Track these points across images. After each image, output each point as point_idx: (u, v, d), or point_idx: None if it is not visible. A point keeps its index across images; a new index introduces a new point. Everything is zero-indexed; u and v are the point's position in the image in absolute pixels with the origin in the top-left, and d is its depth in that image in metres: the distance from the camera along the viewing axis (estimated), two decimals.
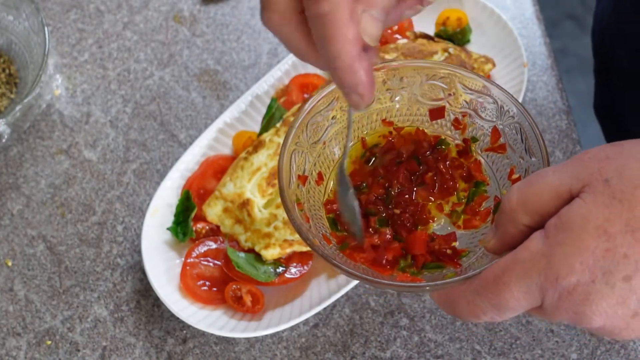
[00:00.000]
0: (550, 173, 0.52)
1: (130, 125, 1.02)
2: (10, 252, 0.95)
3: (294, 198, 0.66)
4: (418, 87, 0.70)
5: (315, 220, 0.67)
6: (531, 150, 0.64)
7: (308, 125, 0.69)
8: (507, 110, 0.67)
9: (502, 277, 0.51)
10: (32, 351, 0.89)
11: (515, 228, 0.53)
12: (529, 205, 0.52)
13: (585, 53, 2.18)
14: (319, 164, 0.70)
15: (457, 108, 0.70)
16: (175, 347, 0.89)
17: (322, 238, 0.66)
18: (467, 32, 1.01)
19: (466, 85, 0.69)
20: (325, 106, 0.69)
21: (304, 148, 0.69)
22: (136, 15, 1.10)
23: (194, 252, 0.89)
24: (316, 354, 0.88)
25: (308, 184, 0.69)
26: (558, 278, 0.49)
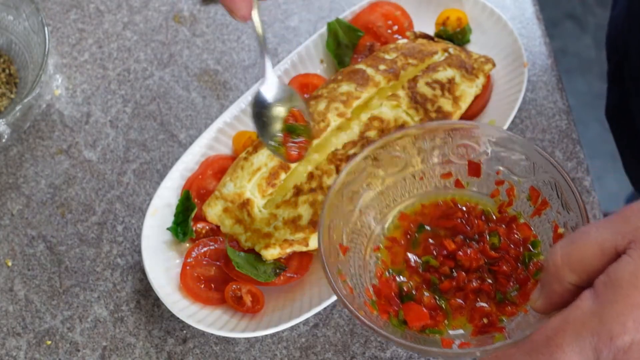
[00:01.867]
0: (593, 230, 0.52)
1: (130, 125, 1.02)
2: (10, 252, 0.95)
3: (336, 270, 0.66)
4: (448, 147, 0.71)
5: (358, 290, 0.67)
6: (568, 205, 0.64)
7: (343, 195, 0.69)
8: (540, 166, 0.67)
9: (554, 339, 0.51)
10: (32, 351, 0.89)
11: (562, 287, 0.53)
12: (575, 264, 0.52)
13: (585, 53, 2.19)
14: (357, 233, 0.71)
15: (490, 167, 0.71)
16: (175, 347, 0.89)
17: (366, 306, 0.66)
18: (467, 32, 1.01)
19: (498, 143, 0.69)
20: (359, 173, 0.70)
21: (341, 218, 0.69)
22: (136, 15, 1.10)
23: (194, 252, 0.89)
24: (316, 354, 0.88)
25: (348, 254, 0.69)
26: (612, 337, 0.49)
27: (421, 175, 0.73)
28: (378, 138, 0.90)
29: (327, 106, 0.93)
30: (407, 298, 0.67)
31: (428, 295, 0.67)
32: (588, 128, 2.06)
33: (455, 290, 0.67)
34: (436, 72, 0.95)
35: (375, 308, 0.67)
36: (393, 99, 0.93)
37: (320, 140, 0.92)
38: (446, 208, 0.72)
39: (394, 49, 0.98)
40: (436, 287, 0.68)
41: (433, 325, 0.66)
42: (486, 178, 0.72)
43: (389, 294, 0.68)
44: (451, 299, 0.66)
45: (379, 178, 0.71)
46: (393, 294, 0.68)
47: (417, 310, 0.66)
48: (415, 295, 0.68)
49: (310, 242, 0.88)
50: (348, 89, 0.94)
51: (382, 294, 0.68)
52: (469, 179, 0.73)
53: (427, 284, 0.68)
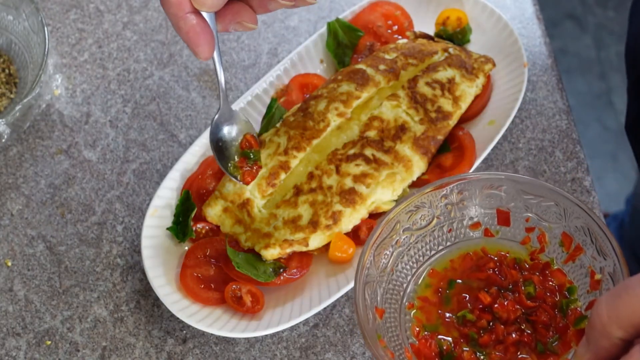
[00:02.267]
0: (638, 283, 0.52)
1: (130, 125, 1.02)
2: (10, 252, 0.95)
3: (375, 335, 0.66)
4: (476, 196, 0.70)
5: (397, 352, 0.67)
6: (604, 250, 0.64)
7: (374, 256, 0.69)
8: (572, 212, 0.66)
9: None
10: (32, 351, 0.89)
11: (609, 342, 0.53)
12: (623, 320, 0.51)
13: (585, 53, 2.19)
14: (391, 292, 0.70)
15: (519, 215, 0.70)
16: (175, 347, 0.89)
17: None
18: (467, 32, 1.00)
19: (527, 191, 0.69)
20: (388, 232, 0.70)
21: (374, 279, 0.69)
22: (136, 15, 1.09)
23: (194, 252, 0.89)
24: (316, 354, 0.88)
25: (384, 316, 0.69)
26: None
27: (450, 228, 0.73)
28: (378, 138, 0.90)
29: (327, 106, 0.93)
30: (448, 357, 0.67)
31: (468, 351, 0.66)
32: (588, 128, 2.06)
33: (495, 343, 0.66)
34: (436, 72, 0.95)
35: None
36: (393, 99, 0.93)
37: (320, 140, 0.92)
38: (477, 259, 0.71)
39: (394, 49, 0.98)
40: (475, 342, 0.67)
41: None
42: (516, 226, 0.71)
43: (429, 354, 0.67)
44: (492, 352, 0.66)
45: (407, 233, 0.71)
46: (433, 354, 0.67)
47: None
48: (455, 352, 0.67)
49: (310, 242, 0.88)
50: (348, 89, 0.94)
51: (421, 354, 0.67)
52: (499, 228, 0.72)
53: (466, 339, 0.67)
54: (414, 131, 0.92)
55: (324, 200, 0.88)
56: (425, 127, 0.92)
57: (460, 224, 0.73)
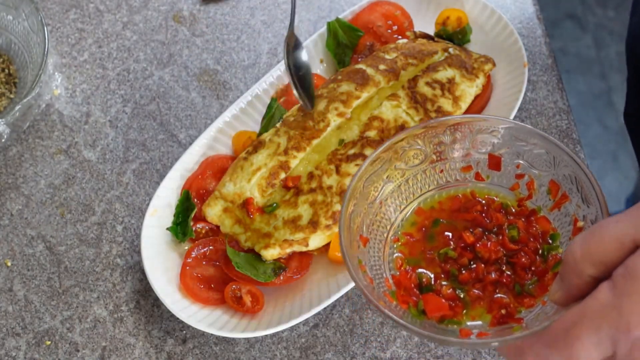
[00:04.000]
0: (612, 223, 0.52)
1: (129, 125, 1.02)
2: (9, 252, 0.95)
3: (357, 261, 0.67)
4: (469, 140, 0.71)
5: (377, 280, 0.68)
6: (588, 199, 0.65)
7: (364, 186, 0.69)
8: (561, 160, 0.67)
9: (572, 330, 0.51)
10: (32, 351, 0.89)
11: (581, 279, 0.53)
12: (594, 256, 0.52)
13: (585, 53, 2.19)
14: (377, 224, 0.71)
15: (511, 161, 0.71)
16: (175, 347, 0.89)
17: (385, 296, 0.67)
18: (467, 32, 1.00)
19: (519, 137, 0.69)
20: (379, 166, 0.70)
21: (362, 209, 0.70)
22: (136, 15, 1.09)
23: (193, 252, 0.89)
24: (316, 354, 0.88)
25: (368, 245, 0.70)
26: (630, 329, 0.49)
27: (441, 169, 0.73)
28: (378, 138, 0.90)
29: (327, 106, 0.93)
30: (427, 289, 0.68)
31: (447, 286, 0.68)
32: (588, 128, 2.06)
33: (474, 281, 0.68)
34: (436, 72, 0.95)
35: (394, 298, 0.67)
36: (393, 99, 0.93)
37: (320, 140, 0.92)
38: (465, 201, 0.73)
39: (394, 48, 0.98)
40: (455, 278, 0.68)
41: (452, 316, 0.66)
42: (506, 171, 0.72)
43: (409, 285, 0.69)
44: (470, 290, 0.67)
45: (399, 170, 0.72)
46: (412, 285, 0.68)
47: (436, 301, 0.66)
48: (434, 286, 0.68)
49: (310, 242, 0.88)
50: (348, 89, 0.93)
51: (401, 285, 0.69)
52: (489, 172, 0.73)
53: (447, 275, 0.68)
54: None
55: (324, 200, 0.88)
56: None
57: (452, 166, 0.74)
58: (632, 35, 1.08)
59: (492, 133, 0.70)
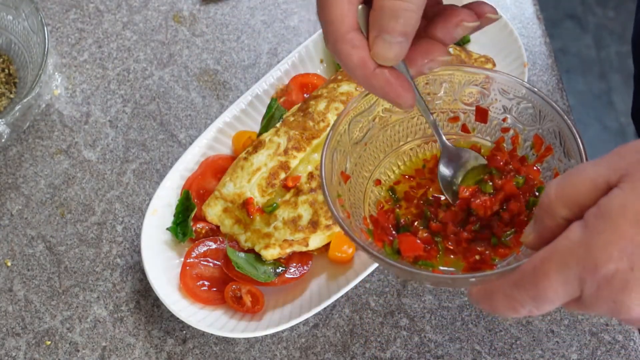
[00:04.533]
0: (588, 167, 0.52)
1: (129, 125, 1.02)
2: (9, 252, 0.95)
3: (335, 194, 0.67)
4: (457, 91, 0.71)
5: (356, 217, 0.68)
6: (570, 152, 0.65)
7: (350, 125, 0.69)
8: (546, 114, 0.67)
9: (540, 268, 0.51)
10: (32, 351, 0.89)
11: (554, 221, 0.53)
12: (567, 198, 0.52)
13: (585, 53, 2.19)
14: (360, 165, 0.71)
15: (497, 114, 0.71)
16: (175, 347, 0.89)
17: (362, 233, 0.67)
18: None
19: (504, 90, 0.69)
20: (367, 107, 0.70)
21: (345, 147, 0.70)
22: (136, 15, 1.09)
23: (193, 252, 0.89)
24: (316, 354, 0.88)
25: (349, 183, 0.69)
26: (597, 266, 0.49)
27: None
28: None
29: (327, 106, 0.93)
30: (404, 229, 0.68)
31: (424, 230, 0.68)
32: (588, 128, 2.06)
33: (447, 235, 0.68)
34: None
35: (370, 236, 0.67)
36: None
37: (320, 140, 0.92)
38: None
39: None
40: (427, 224, 0.68)
41: (426, 258, 0.66)
42: (492, 125, 0.72)
43: (386, 224, 0.68)
44: (445, 243, 0.67)
45: (386, 114, 0.71)
46: (389, 226, 0.68)
47: (411, 241, 0.66)
48: (411, 228, 0.68)
49: (310, 242, 0.87)
50: (348, 89, 0.93)
51: (379, 224, 0.68)
52: (476, 125, 0.73)
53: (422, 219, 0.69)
54: None
55: (324, 200, 0.88)
56: None
57: (439, 116, 0.73)
58: (637, 31, 1.08)
59: (481, 85, 0.70)
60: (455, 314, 0.89)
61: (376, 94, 0.61)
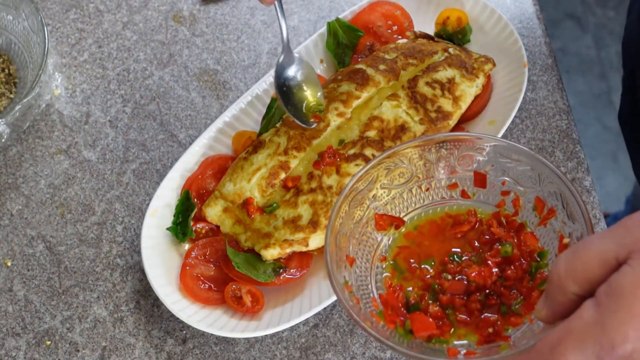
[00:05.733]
0: (595, 241, 0.52)
1: (129, 125, 1.02)
2: (9, 252, 0.95)
3: (343, 281, 0.67)
4: (455, 158, 0.71)
5: (364, 300, 0.68)
6: (573, 215, 0.65)
7: (350, 206, 0.70)
8: (546, 176, 0.67)
9: (557, 348, 0.51)
10: (32, 351, 0.89)
11: (565, 297, 0.53)
12: (577, 274, 0.52)
13: (585, 53, 2.19)
14: (364, 243, 0.71)
15: (496, 178, 0.71)
16: (175, 347, 0.89)
17: (372, 316, 0.67)
18: (467, 32, 1.00)
19: (503, 154, 0.70)
20: (365, 185, 0.71)
21: (348, 229, 0.70)
22: (136, 15, 1.09)
23: (193, 252, 0.89)
24: (316, 354, 0.88)
25: (355, 265, 0.70)
26: (614, 346, 0.49)
27: (427, 187, 0.74)
28: (378, 138, 0.90)
29: (327, 106, 0.93)
30: (414, 308, 0.68)
31: (434, 304, 0.68)
32: (588, 128, 2.06)
33: (458, 307, 0.67)
34: (436, 72, 0.95)
35: (382, 318, 0.67)
36: (393, 99, 0.93)
37: (320, 140, 0.92)
38: (457, 215, 0.72)
39: (394, 48, 0.98)
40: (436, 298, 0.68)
41: (439, 335, 0.66)
42: (492, 189, 0.72)
43: (396, 304, 0.68)
44: (456, 313, 0.67)
45: (385, 189, 0.72)
46: (400, 305, 0.68)
47: (423, 320, 0.66)
48: (421, 304, 0.68)
49: (310, 242, 0.88)
50: (348, 89, 0.93)
51: (388, 304, 0.69)
52: (475, 190, 0.73)
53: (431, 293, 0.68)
54: (414, 131, 0.92)
55: (323, 200, 0.88)
56: (425, 127, 0.92)
57: (438, 184, 0.74)
58: (627, 35, 1.08)
59: (477, 150, 0.71)
60: None
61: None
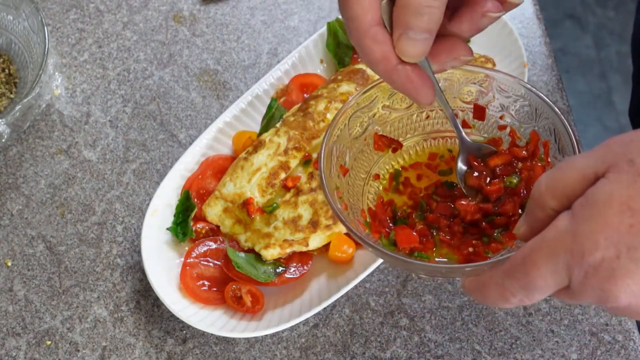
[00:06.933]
0: (577, 159, 0.53)
1: (130, 125, 1.02)
2: (9, 252, 0.95)
3: (334, 186, 0.67)
4: (456, 90, 0.71)
5: (354, 210, 0.69)
6: (564, 149, 0.66)
7: (350, 121, 0.70)
8: (542, 112, 0.68)
9: (530, 257, 0.52)
10: (32, 351, 0.89)
11: (544, 213, 0.54)
12: (556, 189, 0.53)
13: (585, 53, 2.19)
14: (360, 159, 0.71)
15: (495, 112, 0.71)
16: (175, 347, 0.89)
17: (359, 224, 0.67)
18: None
19: (502, 88, 0.70)
20: (367, 103, 0.71)
21: (345, 142, 0.70)
22: (136, 15, 1.09)
23: (194, 252, 0.89)
24: (316, 354, 0.88)
25: (348, 176, 0.70)
26: (584, 254, 0.49)
27: (427, 115, 0.74)
28: None
29: (327, 106, 0.93)
30: (400, 222, 0.69)
31: (420, 222, 0.69)
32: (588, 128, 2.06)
33: (443, 227, 0.69)
34: None
35: (367, 227, 0.68)
36: None
37: (320, 140, 0.92)
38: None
39: None
40: (423, 216, 0.69)
41: (421, 250, 0.67)
42: (489, 122, 0.72)
43: (383, 217, 0.69)
44: (439, 233, 0.68)
45: (386, 110, 0.72)
46: (387, 218, 0.69)
47: (407, 233, 0.67)
48: (408, 220, 0.69)
49: (310, 242, 0.88)
50: (348, 89, 0.93)
51: (376, 216, 0.69)
52: (474, 122, 0.73)
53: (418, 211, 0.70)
54: None
55: (324, 200, 0.88)
56: None
57: (438, 113, 0.74)
58: (637, 30, 1.08)
59: (479, 83, 0.71)
60: (455, 314, 0.89)
61: (397, 89, 0.61)
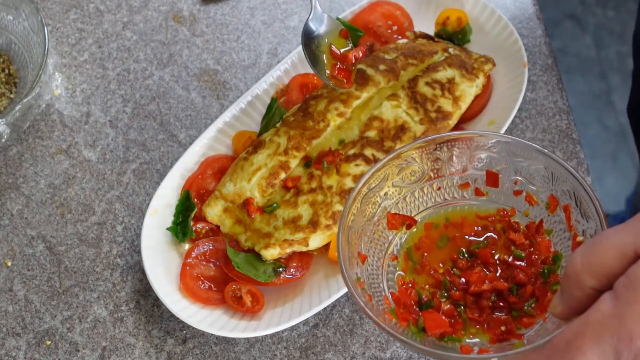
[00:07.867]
0: (612, 234, 0.51)
1: (129, 125, 1.02)
2: (9, 252, 0.95)
3: (355, 278, 0.66)
4: (467, 157, 0.71)
5: (377, 298, 0.68)
6: (587, 213, 0.64)
7: (362, 204, 0.69)
8: (559, 175, 0.67)
9: (574, 342, 0.50)
10: (32, 351, 0.89)
11: (582, 292, 0.52)
12: (594, 268, 0.51)
13: (585, 53, 2.19)
14: (375, 241, 0.71)
15: (508, 177, 0.71)
16: (175, 347, 0.89)
17: (385, 314, 0.66)
18: (467, 32, 1.00)
19: (517, 153, 0.69)
20: (376, 183, 0.70)
21: (359, 226, 0.70)
22: (136, 15, 1.09)
23: (193, 252, 0.89)
24: (316, 354, 0.88)
25: (367, 263, 0.69)
26: (632, 338, 0.48)
27: (439, 186, 0.73)
28: (378, 138, 0.90)
29: (327, 106, 0.93)
30: (426, 306, 0.68)
31: (446, 302, 0.67)
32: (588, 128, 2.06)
33: (470, 304, 0.67)
34: (436, 72, 0.95)
35: (394, 316, 0.67)
36: (393, 99, 0.93)
37: (320, 140, 0.92)
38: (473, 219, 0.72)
39: (394, 49, 0.98)
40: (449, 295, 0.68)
41: (452, 333, 0.66)
42: (504, 188, 0.72)
43: (408, 302, 0.68)
44: (468, 312, 0.67)
45: (397, 188, 0.72)
46: (412, 302, 0.68)
47: (436, 317, 0.66)
48: (434, 302, 0.68)
49: (310, 242, 0.88)
50: (348, 89, 0.93)
51: (400, 302, 0.68)
52: (487, 189, 0.73)
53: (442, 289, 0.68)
54: (414, 131, 0.92)
55: (324, 200, 0.88)
56: (425, 127, 0.92)
57: (450, 183, 0.73)
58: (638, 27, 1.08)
59: (490, 149, 0.70)
60: None
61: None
